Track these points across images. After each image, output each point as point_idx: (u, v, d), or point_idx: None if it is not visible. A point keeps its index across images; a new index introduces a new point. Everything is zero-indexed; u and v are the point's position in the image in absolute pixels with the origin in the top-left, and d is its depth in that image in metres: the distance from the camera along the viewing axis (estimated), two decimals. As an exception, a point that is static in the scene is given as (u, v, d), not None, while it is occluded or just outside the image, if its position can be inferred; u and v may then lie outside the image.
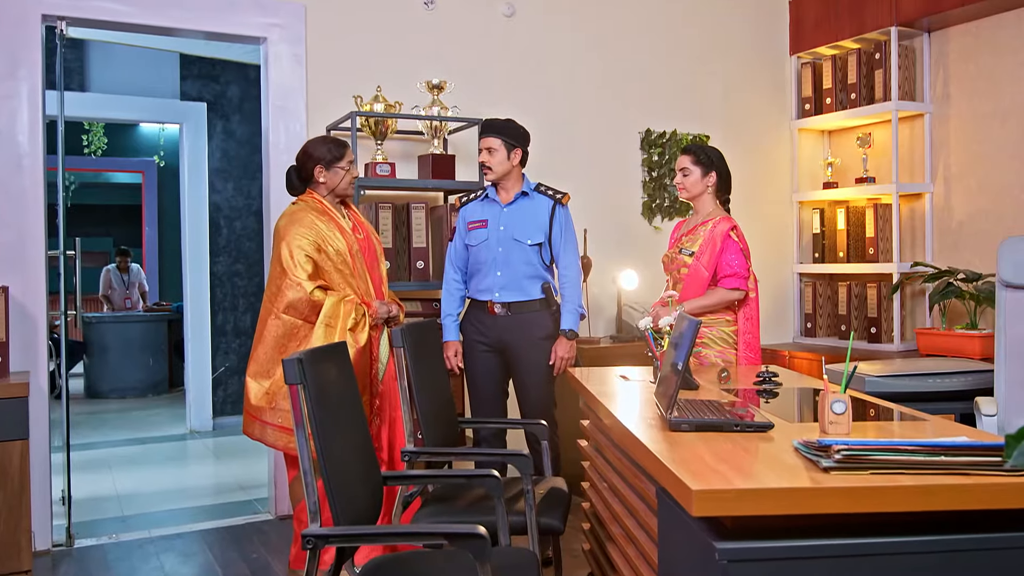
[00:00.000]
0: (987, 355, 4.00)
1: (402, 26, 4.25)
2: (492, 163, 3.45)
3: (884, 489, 1.51)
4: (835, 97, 4.96)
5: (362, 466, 2.10)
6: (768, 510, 1.49)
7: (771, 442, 1.88)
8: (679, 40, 4.93)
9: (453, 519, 2.52)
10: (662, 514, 1.86)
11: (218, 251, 6.41)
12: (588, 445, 2.94)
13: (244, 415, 3.11)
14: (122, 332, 8.06)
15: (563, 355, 3.50)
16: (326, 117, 4.03)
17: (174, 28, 3.92)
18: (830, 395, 1.94)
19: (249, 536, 3.86)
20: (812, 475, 1.57)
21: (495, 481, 2.26)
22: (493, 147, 3.44)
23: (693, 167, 3.35)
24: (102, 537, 3.86)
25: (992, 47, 4.38)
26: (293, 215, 3.14)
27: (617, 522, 2.43)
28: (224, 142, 6.43)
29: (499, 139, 3.43)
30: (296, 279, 3.02)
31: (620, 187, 4.79)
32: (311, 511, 1.83)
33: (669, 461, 1.71)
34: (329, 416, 1.95)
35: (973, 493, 1.52)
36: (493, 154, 3.44)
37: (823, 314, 5.11)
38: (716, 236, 3.28)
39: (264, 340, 3.08)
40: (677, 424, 2.00)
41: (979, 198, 4.45)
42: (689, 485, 1.51)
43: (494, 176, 3.48)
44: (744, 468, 1.65)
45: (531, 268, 3.49)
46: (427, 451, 2.57)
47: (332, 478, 1.85)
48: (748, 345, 3.32)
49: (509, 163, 3.46)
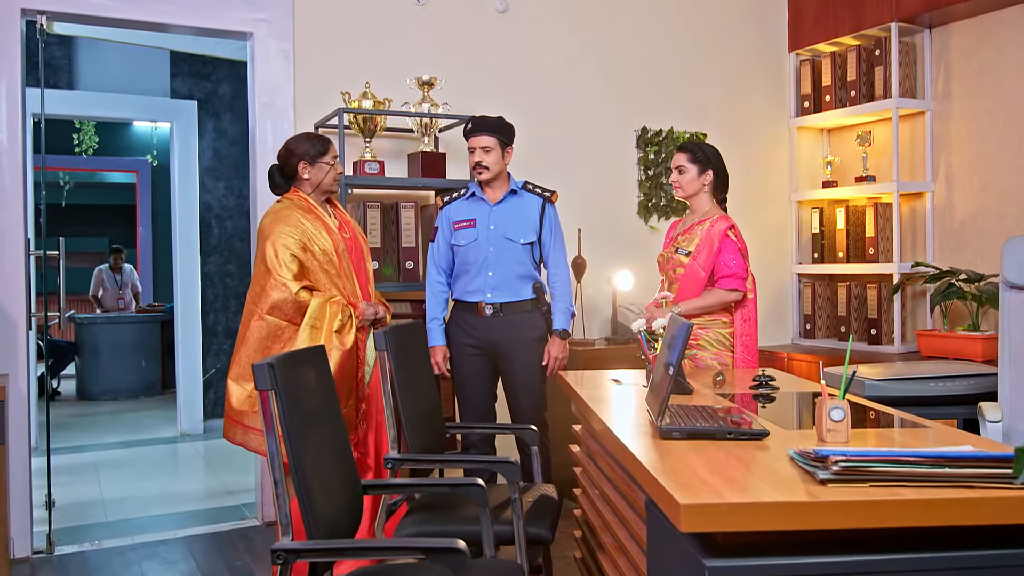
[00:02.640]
0: (989, 357, 3.93)
1: (392, 21, 4.17)
2: (488, 162, 3.37)
3: (885, 503, 1.42)
4: (834, 95, 4.88)
5: (340, 474, 2.01)
6: (761, 526, 1.41)
7: (766, 451, 1.80)
8: (676, 36, 4.84)
9: (439, 528, 2.43)
10: (651, 527, 1.78)
11: (209, 251, 6.32)
12: (580, 450, 2.86)
13: (225, 419, 3.02)
14: (115, 333, 7.97)
15: (556, 355, 3.42)
16: (314, 114, 3.94)
17: (158, 23, 3.83)
18: (828, 401, 1.86)
19: (235, 543, 3.77)
20: (808, 488, 1.49)
21: (479, 490, 2.17)
22: (488, 146, 3.36)
23: (689, 165, 3.26)
24: (84, 544, 3.77)
25: (994, 43, 4.30)
26: (278, 213, 3.06)
27: (608, 531, 2.36)
28: (215, 141, 6.34)
29: (493, 137, 3.36)
30: (281, 279, 2.94)
31: (615, 186, 4.70)
32: (282, 523, 1.74)
33: (658, 472, 1.62)
34: (304, 423, 1.86)
35: (980, 507, 1.43)
36: (489, 153, 3.36)
37: (822, 315, 5.03)
38: (713, 235, 3.19)
39: (247, 342, 2.99)
40: (668, 432, 1.91)
41: (981, 197, 4.37)
42: (677, 499, 1.43)
43: (489, 175, 3.40)
44: (737, 480, 1.56)
45: (523, 268, 3.41)
46: (411, 458, 2.49)
47: (305, 488, 1.77)
48: (745, 347, 3.23)
49: (503, 162, 3.40)
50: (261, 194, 3.90)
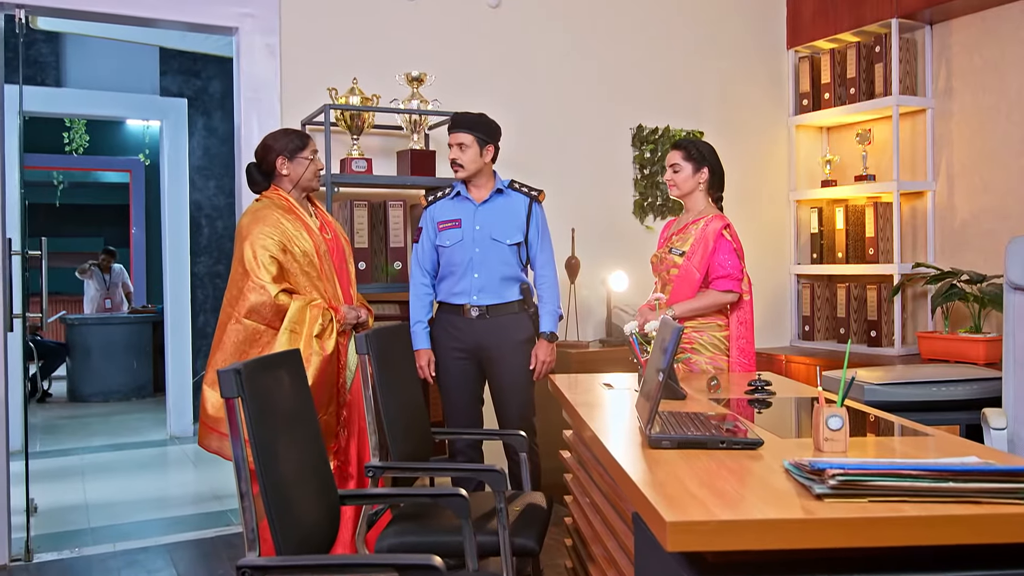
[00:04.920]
0: (991, 360, 3.85)
1: (382, 16, 4.07)
2: (463, 160, 3.28)
3: (884, 520, 1.33)
4: (834, 92, 4.80)
5: (314, 485, 1.92)
6: (751, 544, 1.31)
7: (760, 461, 1.70)
8: (672, 33, 4.75)
9: (421, 539, 2.34)
10: (639, 542, 1.69)
11: (199, 251, 6.24)
12: (571, 457, 2.77)
13: (200, 426, 2.93)
14: (106, 334, 7.88)
15: (544, 359, 3.33)
16: (301, 111, 3.85)
17: (142, 17, 3.73)
18: (825, 409, 1.77)
19: (219, 551, 3.68)
20: (804, 503, 1.40)
21: (461, 501, 2.08)
22: (464, 143, 3.27)
23: (684, 163, 3.17)
24: (64, 551, 3.67)
25: (996, 39, 4.22)
26: (257, 213, 2.97)
27: (598, 542, 2.27)
28: (206, 139, 6.25)
29: (471, 135, 3.27)
30: (260, 281, 2.85)
31: (610, 185, 4.61)
32: (248, 538, 1.65)
33: (645, 484, 1.53)
34: (274, 431, 1.77)
35: (986, 525, 1.34)
36: (464, 150, 3.27)
37: (821, 317, 4.94)
38: (708, 235, 3.09)
39: (223, 346, 2.89)
40: (657, 440, 1.82)
41: (983, 196, 4.29)
42: (663, 515, 1.33)
43: (465, 174, 3.31)
44: (727, 494, 1.47)
45: (509, 269, 3.32)
46: (392, 466, 2.39)
47: (273, 501, 1.67)
48: (741, 350, 3.13)
49: (481, 160, 3.30)
50: (247, 193, 3.79)
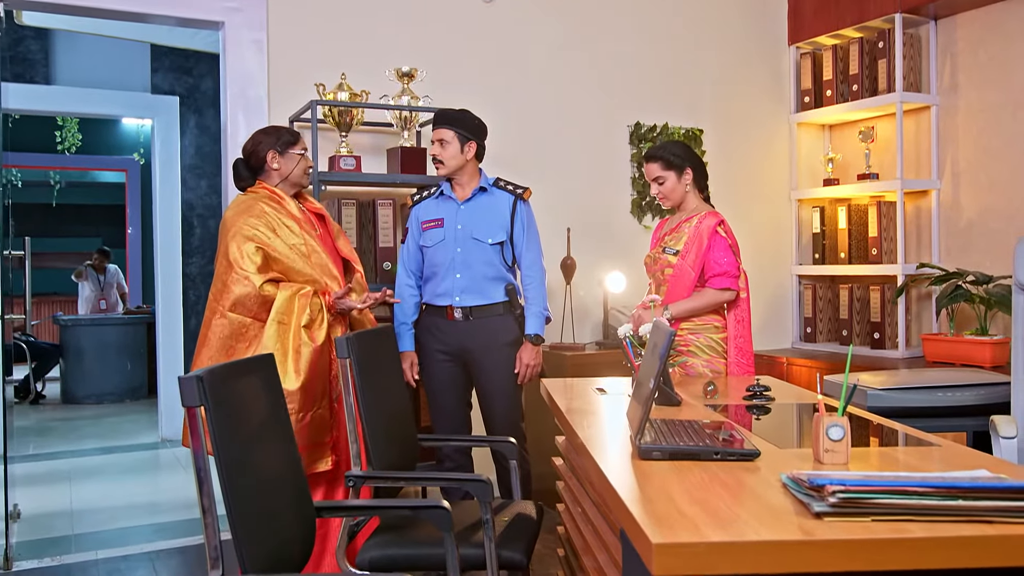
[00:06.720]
0: (998, 362, 3.76)
1: (372, 10, 3.98)
2: (444, 156, 3.20)
3: (888, 542, 1.23)
4: (836, 89, 4.71)
5: (286, 499, 1.82)
6: (744, 569, 1.21)
7: (756, 474, 1.60)
8: (670, 28, 4.65)
9: (403, 552, 2.25)
10: (627, 559, 1.59)
11: (191, 251, 6.15)
12: (563, 464, 2.67)
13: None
14: (100, 335, 7.79)
15: (528, 362, 3.23)
16: (290, 107, 3.76)
17: (126, 11, 3.65)
18: (826, 418, 1.67)
19: (203, 559, 3.55)
20: (801, 522, 1.30)
21: (443, 514, 1.98)
22: (445, 139, 3.19)
23: (665, 173, 3.06)
24: (45, 559, 3.58)
25: (1002, 34, 4.12)
26: (241, 204, 2.88)
27: (589, 554, 2.17)
28: (198, 137, 6.16)
29: (452, 131, 3.18)
30: (244, 272, 2.74)
31: (607, 184, 4.51)
32: (211, 556, 1.55)
33: (632, 500, 1.43)
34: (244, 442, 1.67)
35: (998, 546, 1.24)
36: (445, 147, 3.19)
37: (823, 318, 4.84)
38: (702, 232, 2.99)
39: (208, 342, 2.79)
40: (647, 451, 1.72)
41: (989, 195, 4.19)
42: (650, 536, 1.23)
43: (446, 171, 3.23)
44: (720, 512, 1.37)
45: (492, 269, 3.22)
46: (373, 475, 2.30)
47: (240, 516, 1.58)
48: (740, 351, 3.03)
49: (462, 157, 3.21)
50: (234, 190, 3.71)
